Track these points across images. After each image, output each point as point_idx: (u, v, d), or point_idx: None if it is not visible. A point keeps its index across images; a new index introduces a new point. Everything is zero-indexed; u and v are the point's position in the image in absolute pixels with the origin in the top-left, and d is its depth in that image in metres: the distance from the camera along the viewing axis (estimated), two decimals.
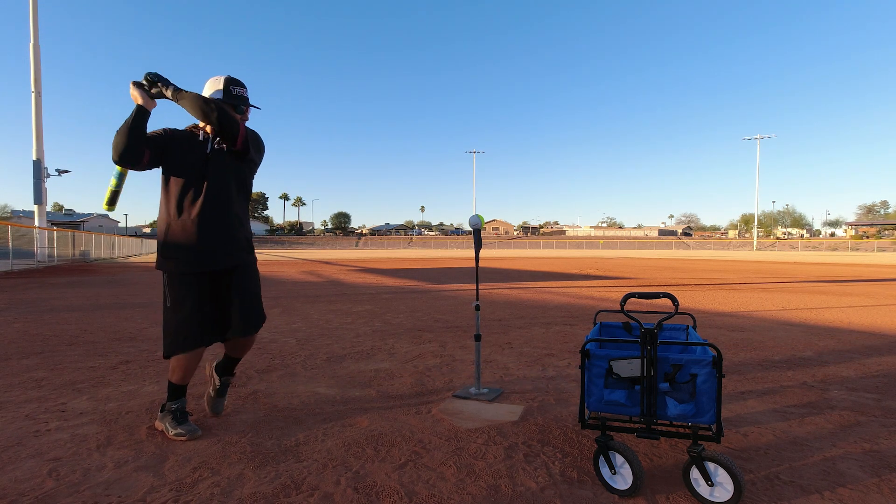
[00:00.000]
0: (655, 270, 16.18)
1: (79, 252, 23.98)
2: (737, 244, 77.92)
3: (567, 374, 3.34)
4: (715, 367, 1.71)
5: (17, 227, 18.55)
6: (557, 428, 2.38)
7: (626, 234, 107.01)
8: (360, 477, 1.89)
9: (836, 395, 2.89)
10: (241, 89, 2.39)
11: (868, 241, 67.09)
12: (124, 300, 7.83)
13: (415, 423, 2.46)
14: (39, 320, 5.72)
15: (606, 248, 71.09)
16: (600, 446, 1.82)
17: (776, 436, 2.28)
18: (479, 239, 3.04)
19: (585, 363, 1.84)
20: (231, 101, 2.34)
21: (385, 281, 11.84)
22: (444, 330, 5.04)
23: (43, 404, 2.72)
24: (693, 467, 1.73)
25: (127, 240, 38.33)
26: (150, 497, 1.73)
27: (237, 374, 3.30)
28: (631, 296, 2.00)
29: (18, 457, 2.06)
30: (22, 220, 44.39)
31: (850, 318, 5.80)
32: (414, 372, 3.42)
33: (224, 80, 2.35)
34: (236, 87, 2.37)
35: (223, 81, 2.34)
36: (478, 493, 1.77)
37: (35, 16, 21.99)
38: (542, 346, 4.22)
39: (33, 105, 21.99)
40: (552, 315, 6.07)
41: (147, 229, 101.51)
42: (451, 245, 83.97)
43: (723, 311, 6.36)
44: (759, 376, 3.28)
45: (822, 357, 3.84)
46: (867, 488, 1.80)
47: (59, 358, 3.83)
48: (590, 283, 11.23)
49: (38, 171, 21.81)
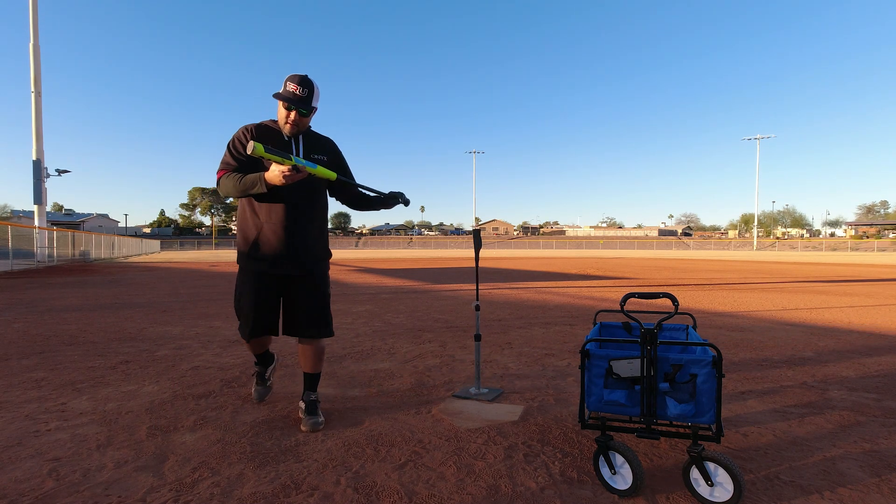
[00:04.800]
0: (655, 270, 16.18)
1: (79, 252, 23.97)
2: (737, 244, 77.90)
3: (567, 374, 3.34)
4: (715, 367, 1.71)
5: (17, 227, 18.54)
6: (557, 428, 2.38)
7: (626, 234, 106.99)
8: (360, 477, 1.89)
9: (836, 395, 2.89)
10: (293, 86, 2.26)
11: (868, 241, 67.07)
12: (124, 300, 7.83)
13: (415, 423, 2.46)
14: (39, 320, 5.72)
15: (606, 248, 71.08)
16: (600, 446, 1.82)
17: (776, 436, 2.28)
18: (479, 239, 3.04)
19: (585, 363, 1.84)
20: (281, 98, 2.28)
21: (385, 281, 11.84)
22: (444, 330, 5.04)
23: (43, 404, 2.72)
24: (693, 467, 1.73)
25: (127, 240, 38.30)
26: (150, 497, 1.73)
27: (241, 376, 3.30)
28: (631, 296, 2.00)
29: (18, 457, 2.06)
30: (22, 220, 44.42)
31: (850, 318, 5.80)
32: (414, 372, 3.42)
33: (288, 77, 2.29)
34: (290, 83, 2.27)
35: (287, 78, 2.29)
36: (478, 493, 1.77)
37: (35, 16, 21.99)
38: (542, 346, 4.22)
39: (33, 105, 22.00)
40: (552, 315, 6.07)
41: (147, 229, 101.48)
42: (451, 245, 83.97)
43: (723, 311, 6.36)
44: (759, 376, 3.28)
45: (822, 357, 3.84)
46: (867, 488, 1.80)
47: (59, 358, 3.83)
48: (590, 283, 11.23)
49: (38, 171, 21.82)
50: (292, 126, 2.33)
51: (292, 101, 2.26)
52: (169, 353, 3.98)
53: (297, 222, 2.37)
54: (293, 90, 2.25)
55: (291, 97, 2.26)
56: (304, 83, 2.27)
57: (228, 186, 2.29)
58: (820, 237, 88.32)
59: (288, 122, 2.32)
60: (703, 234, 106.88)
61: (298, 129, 2.36)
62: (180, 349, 4.14)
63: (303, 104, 2.28)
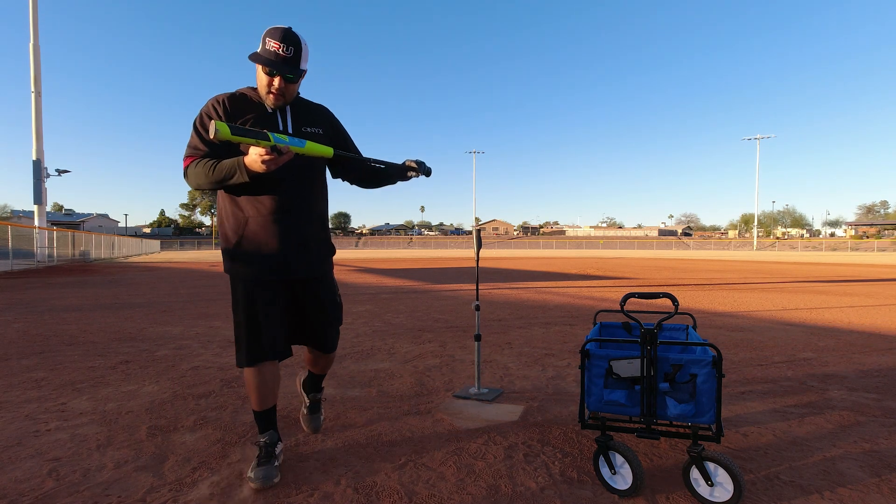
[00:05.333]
0: (655, 270, 16.17)
1: (79, 252, 23.97)
2: (737, 244, 77.90)
3: (567, 374, 3.34)
4: (715, 367, 1.71)
5: (17, 227, 18.55)
6: (557, 428, 2.38)
7: (626, 234, 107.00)
8: (360, 477, 1.89)
9: (836, 395, 2.88)
10: (275, 44, 1.74)
11: (868, 241, 67.07)
12: (124, 300, 7.83)
13: (415, 422, 2.46)
14: (39, 320, 5.72)
15: (606, 248, 71.08)
16: (600, 446, 1.82)
17: (776, 436, 2.28)
18: (480, 239, 3.04)
19: (585, 363, 1.84)
20: (261, 60, 1.78)
21: (385, 281, 11.84)
22: (444, 330, 5.04)
23: (43, 404, 2.72)
24: (693, 467, 1.73)
25: (127, 240, 38.33)
26: (150, 497, 1.73)
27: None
28: (631, 296, 2.00)
29: (18, 457, 2.06)
30: (22, 220, 44.41)
31: (850, 318, 5.80)
32: (414, 372, 3.42)
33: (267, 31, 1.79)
34: (270, 40, 1.76)
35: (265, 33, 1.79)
36: (478, 493, 1.77)
37: (35, 16, 22.00)
38: (542, 346, 4.22)
39: (33, 105, 22.01)
40: (552, 315, 6.07)
41: (147, 229, 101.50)
42: (451, 245, 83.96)
43: (723, 311, 6.36)
44: (759, 376, 3.28)
45: (822, 357, 3.84)
46: (867, 488, 1.80)
47: (59, 358, 3.83)
48: (590, 283, 11.23)
49: (38, 171, 21.83)
50: (276, 95, 1.84)
51: (275, 64, 1.76)
52: (169, 353, 3.98)
53: (293, 212, 1.90)
54: (275, 49, 1.75)
55: (274, 59, 1.76)
56: (289, 39, 1.76)
57: (199, 176, 1.79)
58: (820, 237, 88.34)
59: (272, 92, 1.83)
60: (703, 234, 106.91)
61: (285, 98, 1.88)
62: (180, 349, 4.14)
63: (289, 67, 1.78)
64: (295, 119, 1.94)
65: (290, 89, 1.86)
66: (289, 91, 1.86)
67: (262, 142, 1.60)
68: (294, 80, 1.85)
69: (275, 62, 1.76)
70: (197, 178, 1.80)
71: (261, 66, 1.80)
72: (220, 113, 1.83)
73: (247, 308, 1.90)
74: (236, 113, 1.85)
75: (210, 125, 1.51)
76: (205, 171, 1.77)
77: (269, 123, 1.87)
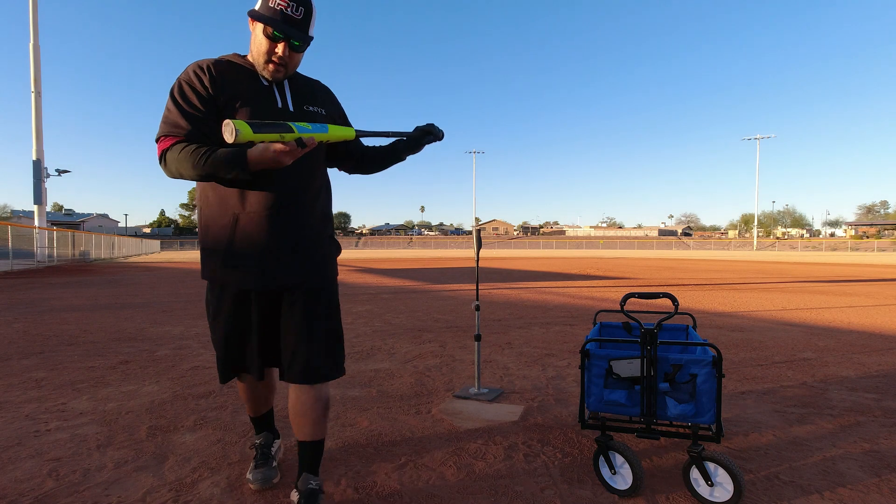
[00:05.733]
0: (655, 270, 16.18)
1: (79, 252, 23.97)
2: (737, 244, 77.89)
3: (567, 374, 3.34)
4: (715, 367, 1.71)
5: (17, 227, 18.55)
6: (557, 428, 2.38)
7: (626, 234, 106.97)
8: (360, 477, 1.89)
9: (836, 395, 2.88)
10: (281, 1, 1.44)
11: (868, 241, 67.07)
12: (124, 300, 7.83)
13: (415, 423, 2.46)
14: (39, 320, 5.72)
15: (606, 248, 71.07)
16: (600, 446, 1.82)
17: (776, 436, 2.28)
18: (480, 239, 3.04)
19: (585, 363, 1.84)
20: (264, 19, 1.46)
21: (385, 281, 11.84)
22: (444, 330, 5.04)
23: (43, 404, 2.72)
24: (693, 467, 1.73)
25: (127, 240, 38.34)
26: (150, 497, 1.73)
27: None
28: (631, 296, 2.00)
29: (18, 457, 2.06)
30: (22, 220, 44.41)
31: (850, 318, 5.80)
32: (414, 372, 3.42)
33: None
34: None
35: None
36: (478, 493, 1.77)
37: (35, 16, 21.99)
38: (542, 346, 4.22)
39: (33, 105, 22.00)
40: (552, 315, 6.07)
41: (147, 229, 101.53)
42: (451, 245, 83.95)
43: (723, 311, 6.36)
44: (759, 376, 3.28)
45: (822, 357, 3.84)
46: (867, 488, 1.80)
47: (59, 358, 3.83)
48: (590, 283, 11.23)
49: (38, 171, 21.82)
50: (277, 66, 1.53)
51: (282, 25, 1.45)
52: (169, 353, 3.98)
53: (294, 205, 1.57)
54: (282, 6, 1.44)
55: (281, 18, 1.44)
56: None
57: (184, 165, 1.43)
58: (820, 237, 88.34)
59: (272, 60, 1.52)
60: (703, 234, 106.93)
61: (286, 70, 1.57)
62: (180, 349, 4.14)
63: (297, 30, 1.48)
64: (295, 96, 1.63)
65: (294, 59, 1.56)
66: (293, 61, 1.56)
67: (287, 135, 1.34)
68: (300, 49, 1.54)
69: (282, 22, 1.45)
70: (180, 167, 1.44)
71: (261, 27, 1.48)
72: (207, 83, 1.49)
73: (228, 321, 1.63)
74: (225, 84, 1.52)
75: (225, 127, 1.26)
76: (192, 160, 1.41)
77: (265, 100, 1.56)
